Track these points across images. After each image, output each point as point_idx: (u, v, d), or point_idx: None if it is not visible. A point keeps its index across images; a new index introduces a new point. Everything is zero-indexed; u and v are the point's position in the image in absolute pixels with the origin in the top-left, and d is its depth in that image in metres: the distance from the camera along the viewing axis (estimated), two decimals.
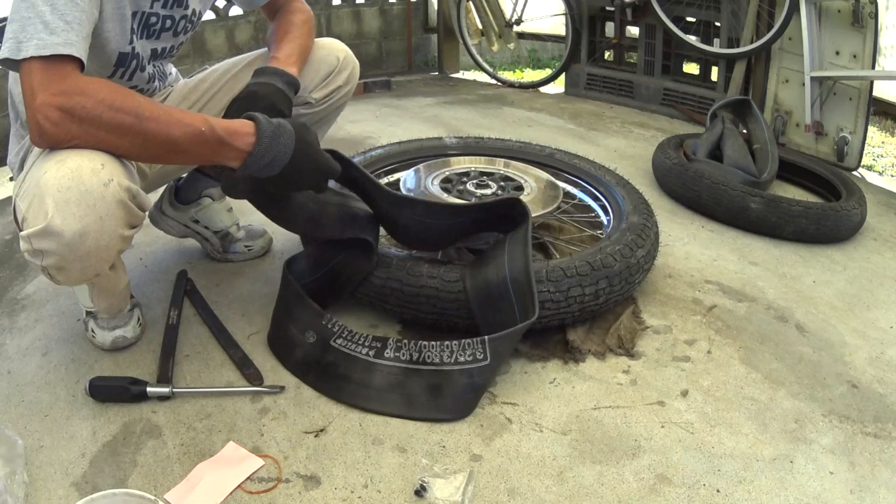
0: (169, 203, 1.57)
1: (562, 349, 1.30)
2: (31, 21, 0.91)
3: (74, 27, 0.93)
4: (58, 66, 0.91)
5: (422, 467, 1.01)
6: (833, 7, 2.34)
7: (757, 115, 2.36)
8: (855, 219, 1.82)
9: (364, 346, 1.19)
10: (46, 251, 0.94)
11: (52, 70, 0.90)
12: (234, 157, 1.03)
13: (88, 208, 0.93)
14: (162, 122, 0.97)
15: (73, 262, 0.97)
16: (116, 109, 0.93)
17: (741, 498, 0.97)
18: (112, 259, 1.04)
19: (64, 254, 0.95)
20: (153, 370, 1.22)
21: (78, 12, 0.94)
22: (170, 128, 0.97)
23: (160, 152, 1.01)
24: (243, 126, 1.04)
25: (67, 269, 0.98)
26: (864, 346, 1.37)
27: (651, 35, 3.11)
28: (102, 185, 0.93)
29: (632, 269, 1.35)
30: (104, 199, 0.94)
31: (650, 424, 1.12)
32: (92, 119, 0.92)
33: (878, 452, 1.08)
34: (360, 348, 1.19)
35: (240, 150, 1.03)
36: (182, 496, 0.95)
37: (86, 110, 0.91)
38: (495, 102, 3.33)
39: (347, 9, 3.92)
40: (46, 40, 0.90)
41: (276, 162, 1.05)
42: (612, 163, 2.26)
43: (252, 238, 1.64)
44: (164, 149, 0.99)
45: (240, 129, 1.03)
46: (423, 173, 1.67)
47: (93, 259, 0.98)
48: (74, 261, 0.96)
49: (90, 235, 0.94)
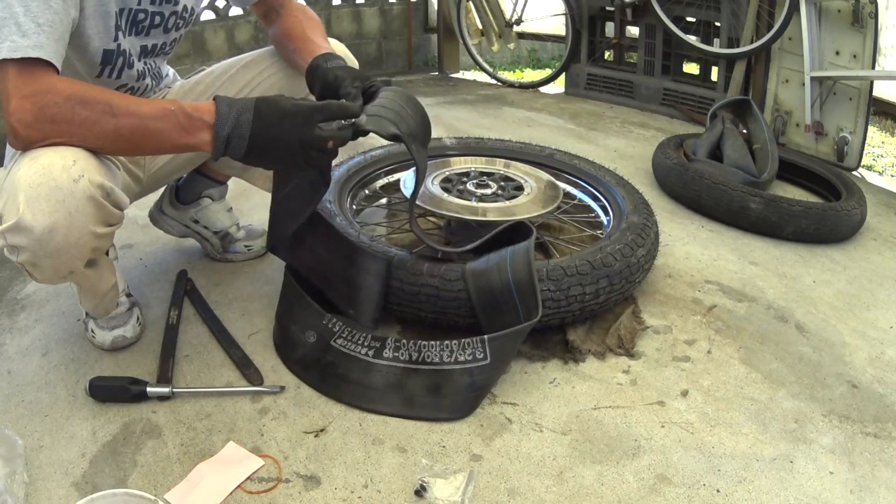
0: (169, 203, 1.57)
1: (562, 349, 1.30)
2: (6, 22, 0.91)
3: (45, 29, 0.93)
4: (30, 69, 0.91)
5: (422, 467, 1.01)
6: (833, 7, 2.34)
7: (757, 115, 2.36)
8: (855, 219, 1.82)
9: (363, 345, 1.19)
10: (20, 247, 0.95)
11: (25, 73, 0.91)
12: (204, 133, 1.02)
13: (58, 203, 0.93)
14: (132, 107, 0.98)
15: (44, 259, 0.97)
16: (86, 102, 0.94)
17: (741, 498, 0.97)
18: (85, 256, 1.03)
19: (35, 249, 0.95)
20: (152, 370, 1.22)
21: (51, 14, 0.94)
22: (140, 107, 0.98)
23: (134, 138, 0.99)
24: (206, 103, 1.04)
25: (40, 265, 0.99)
26: (864, 346, 1.37)
27: (651, 35, 3.11)
28: (72, 181, 0.93)
29: (632, 269, 1.35)
30: (73, 194, 0.94)
31: (650, 424, 1.12)
32: (64, 115, 0.93)
33: (878, 452, 1.08)
34: (360, 348, 1.19)
35: (205, 122, 1.01)
36: (182, 496, 0.95)
37: (58, 106, 0.92)
38: (495, 102, 3.33)
39: (347, 9, 3.91)
40: (18, 43, 0.90)
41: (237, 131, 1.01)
42: (612, 163, 2.26)
43: (252, 238, 1.64)
44: (137, 133, 0.98)
45: (203, 105, 1.03)
46: None
47: (63, 256, 0.98)
48: (45, 257, 0.97)
49: (59, 231, 0.94)
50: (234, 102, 1.03)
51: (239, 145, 1.03)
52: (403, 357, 1.17)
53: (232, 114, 1.02)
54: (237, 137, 1.02)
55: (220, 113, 1.02)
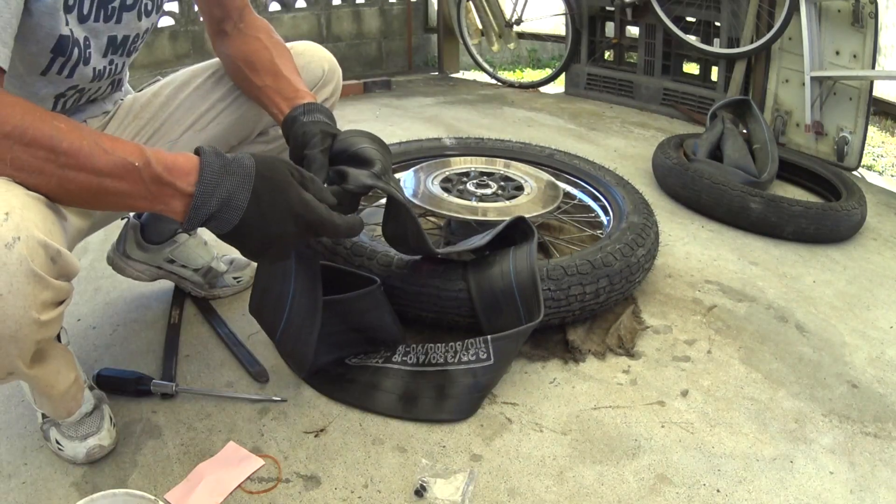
0: (136, 245, 1.33)
1: (562, 349, 1.30)
2: None
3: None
4: None
5: (422, 467, 1.01)
6: (833, 7, 2.34)
7: (757, 115, 2.36)
8: (855, 219, 1.82)
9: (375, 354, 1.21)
10: None
11: None
12: (175, 202, 0.78)
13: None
14: (83, 158, 0.72)
15: None
16: (29, 143, 0.69)
17: (741, 498, 0.97)
18: (27, 352, 0.74)
19: None
20: (153, 370, 1.22)
21: None
22: (94, 158, 0.72)
23: (84, 195, 0.75)
24: (188, 161, 0.78)
25: None
26: (864, 346, 1.37)
27: (651, 35, 3.11)
28: (3, 247, 0.66)
29: (632, 268, 1.35)
30: (5, 268, 0.66)
31: (650, 424, 1.12)
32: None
33: (878, 452, 1.08)
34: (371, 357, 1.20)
35: (180, 191, 0.77)
36: (182, 496, 0.95)
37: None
38: (495, 102, 3.33)
39: (347, 9, 3.92)
40: None
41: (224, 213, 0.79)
42: (612, 163, 2.26)
43: (239, 269, 1.48)
44: (87, 190, 0.74)
45: (184, 164, 0.78)
46: (423, 174, 1.67)
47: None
48: None
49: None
50: (227, 167, 0.79)
51: (219, 227, 0.81)
52: (412, 360, 1.18)
53: (222, 188, 0.78)
54: (220, 220, 0.80)
55: (204, 182, 0.77)
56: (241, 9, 1.13)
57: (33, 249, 0.69)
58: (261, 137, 1.27)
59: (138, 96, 1.17)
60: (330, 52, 1.28)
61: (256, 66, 1.08)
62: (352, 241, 1.32)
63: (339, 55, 1.78)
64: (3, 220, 0.66)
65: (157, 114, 1.14)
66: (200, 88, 1.17)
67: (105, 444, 1.00)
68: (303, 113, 1.02)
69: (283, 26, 3.68)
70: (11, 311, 0.68)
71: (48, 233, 0.71)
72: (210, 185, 0.77)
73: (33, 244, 0.68)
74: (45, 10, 0.81)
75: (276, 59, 1.09)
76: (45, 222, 0.72)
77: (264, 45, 1.10)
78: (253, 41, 1.11)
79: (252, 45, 1.10)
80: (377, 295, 1.18)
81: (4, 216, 0.66)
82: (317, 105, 1.04)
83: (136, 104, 1.15)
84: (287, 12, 3.75)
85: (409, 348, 1.19)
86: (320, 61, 1.23)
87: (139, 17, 0.99)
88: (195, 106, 1.15)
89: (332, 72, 1.25)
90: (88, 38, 0.91)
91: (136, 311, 1.42)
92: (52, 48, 0.85)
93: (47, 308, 0.73)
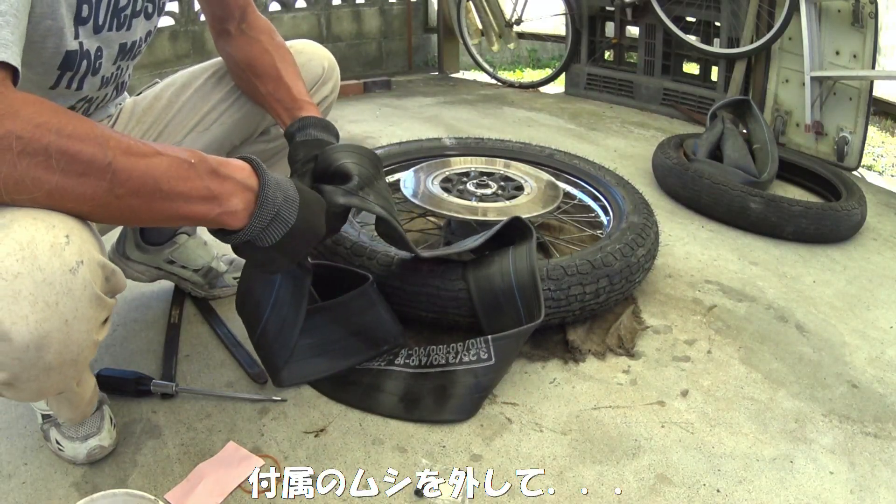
0: (135, 246, 1.33)
1: (562, 349, 1.30)
2: None
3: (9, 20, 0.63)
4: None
5: (422, 467, 1.01)
6: (833, 7, 2.34)
7: (757, 115, 2.36)
8: (855, 219, 1.82)
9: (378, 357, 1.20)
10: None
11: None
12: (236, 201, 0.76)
13: (48, 308, 0.63)
14: (134, 152, 0.66)
15: (27, 382, 0.67)
16: (68, 136, 0.62)
17: (741, 498, 0.97)
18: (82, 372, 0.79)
19: (14, 369, 0.65)
20: (153, 370, 1.22)
21: None
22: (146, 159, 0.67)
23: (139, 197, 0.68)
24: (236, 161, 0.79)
25: (19, 387, 0.68)
26: (864, 346, 1.37)
27: (651, 35, 3.11)
28: (68, 272, 0.64)
29: (632, 268, 1.35)
30: (71, 293, 0.64)
31: (650, 424, 1.12)
32: (33, 152, 0.60)
33: (878, 452, 1.08)
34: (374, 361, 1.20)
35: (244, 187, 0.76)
36: (182, 496, 0.95)
37: (22, 142, 0.59)
38: (495, 102, 3.33)
39: (347, 9, 3.92)
40: None
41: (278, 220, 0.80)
42: (612, 163, 2.26)
43: (239, 269, 1.42)
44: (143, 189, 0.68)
45: (233, 161, 0.78)
46: (423, 174, 1.67)
47: (55, 376, 0.68)
48: (30, 380, 0.67)
49: (52, 347, 0.65)
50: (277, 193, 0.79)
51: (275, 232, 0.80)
52: (414, 363, 1.18)
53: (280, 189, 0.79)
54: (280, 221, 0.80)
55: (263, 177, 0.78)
56: (244, 8, 1.12)
57: (94, 272, 0.68)
58: (263, 137, 1.28)
59: (139, 100, 1.16)
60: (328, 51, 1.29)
61: (258, 70, 1.09)
62: (352, 241, 1.32)
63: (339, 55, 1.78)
64: (66, 244, 0.64)
65: (160, 117, 1.14)
66: (201, 90, 1.17)
67: (105, 445, 1.00)
68: (297, 130, 1.03)
69: (283, 26, 3.68)
70: (76, 337, 0.67)
71: (102, 251, 0.71)
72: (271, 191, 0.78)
73: (94, 267, 0.67)
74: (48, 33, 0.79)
75: (277, 62, 1.09)
76: (96, 240, 0.70)
77: (266, 49, 1.10)
78: (255, 44, 1.11)
79: (254, 48, 1.10)
80: (370, 293, 1.18)
81: (66, 239, 0.64)
82: (310, 119, 1.05)
83: (138, 108, 1.14)
84: (287, 12, 3.75)
85: (411, 351, 1.20)
86: (320, 59, 1.25)
87: (146, 20, 0.98)
88: (197, 107, 1.15)
89: (331, 70, 1.26)
90: (101, 48, 0.90)
91: (136, 311, 1.42)
92: (59, 65, 0.84)
93: (102, 327, 0.72)
